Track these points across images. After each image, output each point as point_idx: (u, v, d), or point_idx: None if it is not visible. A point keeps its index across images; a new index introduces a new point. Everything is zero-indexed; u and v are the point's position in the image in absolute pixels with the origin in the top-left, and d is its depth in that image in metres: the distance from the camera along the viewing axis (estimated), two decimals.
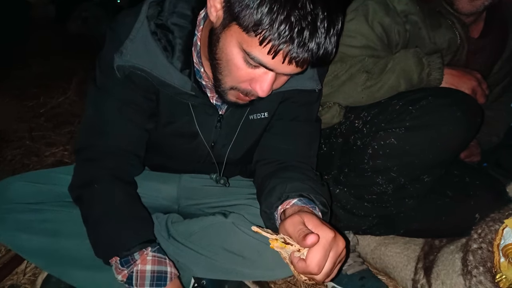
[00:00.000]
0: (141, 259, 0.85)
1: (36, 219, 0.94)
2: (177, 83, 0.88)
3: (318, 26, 0.69)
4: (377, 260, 1.28)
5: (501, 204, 1.09)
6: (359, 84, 1.10)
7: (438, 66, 1.07)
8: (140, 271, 0.85)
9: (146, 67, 0.86)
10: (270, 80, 0.78)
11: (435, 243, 1.21)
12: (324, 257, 0.67)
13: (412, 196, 1.09)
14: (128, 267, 0.85)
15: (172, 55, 0.86)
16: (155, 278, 0.85)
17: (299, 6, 0.67)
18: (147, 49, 0.86)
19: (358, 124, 1.13)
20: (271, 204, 0.87)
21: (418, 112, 0.99)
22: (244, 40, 0.73)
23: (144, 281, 0.84)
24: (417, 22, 1.13)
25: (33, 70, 3.00)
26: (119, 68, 0.87)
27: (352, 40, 1.13)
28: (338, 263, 0.72)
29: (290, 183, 0.88)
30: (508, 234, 0.93)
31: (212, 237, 0.98)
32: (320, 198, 0.86)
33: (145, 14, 0.86)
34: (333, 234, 0.69)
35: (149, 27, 0.86)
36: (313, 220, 0.72)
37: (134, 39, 0.86)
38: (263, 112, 1.00)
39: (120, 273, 0.86)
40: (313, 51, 0.70)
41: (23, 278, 1.09)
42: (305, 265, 0.68)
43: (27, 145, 1.87)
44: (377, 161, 1.04)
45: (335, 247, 0.69)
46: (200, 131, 0.99)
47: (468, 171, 1.23)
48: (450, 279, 1.00)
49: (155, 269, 0.86)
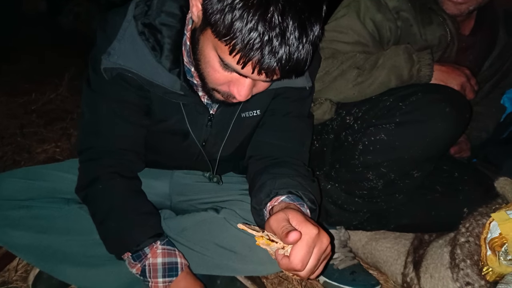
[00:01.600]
0: (152, 252, 0.88)
1: (26, 216, 0.94)
2: (166, 83, 0.87)
3: (288, 37, 0.67)
4: (368, 255, 1.30)
5: (489, 198, 1.11)
6: (350, 80, 1.11)
7: (428, 63, 1.08)
8: (152, 264, 0.88)
9: (133, 69, 0.86)
10: (247, 86, 0.78)
11: (424, 237, 1.22)
12: (308, 253, 0.67)
13: (402, 191, 1.11)
14: (140, 261, 0.89)
15: (160, 55, 0.86)
16: (167, 269, 0.88)
17: (269, 16, 0.65)
18: (134, 50, 0.85)
19: (349, 120, 1.14)
20: (261, 200, 0.87)
21: (408, 108, 1.00)
22: (218, 46, 0.72)
23: (156, 273, 0.88)
24: (409, 19, 1.14)
25: (24, 66, 2.97)
26: (106, 70, 0.87)
27: (343, 36, 1.14)
28: (323, 260, 0.72)
29: (280, 180, 0.88)
30: (494, 227, 0.94)
31: (204, 233, 0.98)
32: (309, 195, 0.86)
33: (132, 13, 0.86)
34: (316, 231, 0.69)
35: (137, 27, 0.85)
36: (297, 217, 0.71)
37: (121, 39, 0.85)
38: (255, 110, 1.00)
39: (134, 267, 0.89)
40: (282, 62, 0.69)
41: (15, 275, 1.09)
42: (289, 261, 0.68)
43: (18, 142, 1.85)
44: (368, 156, 1.05)
45: (319, 243, 0.69)
46: (191, 130, 0.99)
47: (457, 167, 1.25)
48: (438, 272, 1.02)
49: (166, 261, 0.89)
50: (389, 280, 1.24)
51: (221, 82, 0.80)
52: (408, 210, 1.20)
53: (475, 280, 0.94)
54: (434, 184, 1.20)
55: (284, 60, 0.69)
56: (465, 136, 1.44)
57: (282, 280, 1.19)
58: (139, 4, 0.86)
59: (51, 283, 0.99)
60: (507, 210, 0.97)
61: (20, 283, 1.07)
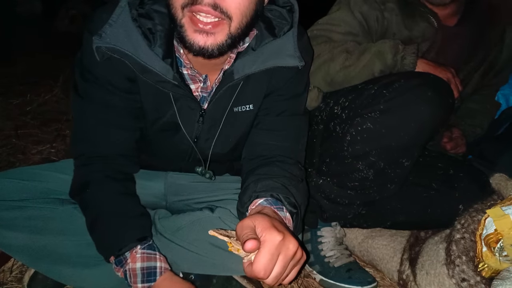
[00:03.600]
0: (131, 257, 0.87)
1: (21, 216, 0.93)
2: (160, 70, 0.86)
3: None
4: (365, 253, 1.30)
5: (484, 195, 1.12)
6: (339, 63, 1.15)
7: (412, 51, 1.11)
8: (132, 270, 0.87)
9: (127, 50, 0.84)
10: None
11: (420, 234, 1.23)
12: (271, 261, 0.65)
13: (393, 181, 1.11)
14: (122, 266, 0.88)
15: (154, 43, 0.85)
16: (145, 274, 0.87)
17: None
18: (128, 34, 0.84)
19: (337, 110, 1.16)
20: (244, 203, 0.87)
21: (391, 94, 1.01)
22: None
23: (136, 278, 0.86)
24: (394, 9, 1.22)
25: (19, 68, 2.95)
26: (98, 49, 0.84)
27: (336, 27, 1.22)
28: (294, 266, 0.70)
29: (262, 182, 0.88)
30: (490, 224, 0.95)
31: (199, 232, 0.98)
32: (289, 199, 0.85)
33: (126, 1, 0.85)
34: (280, 237, 0.66)
35: (131, 13, 0.84)
36: (263, 223, 0.69)
37: (114, 24, 0.84)
38: (248, 104, 1.00)
39: (118, 271, 0.89)
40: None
41: (10, 275, 1.08)
42: (251, 269, 0.66)
43: (13, 143, 1.85)
44: (356, 146, 1.06)
45: (284, 250, 0.67)
46: (182, 124, 0.98)
47: (452, 164, 1.25)
48: (434, 269, 1.02)
49: (144, 265, 0.87)
50: (386, 278, 1.25)
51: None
52: (404, 207, 1.21)
53: (470, 276, 0.94)
54: (430, 181, 1.21)
55: None
56: (460, 132, 1.45)
57: None
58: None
59: (46, 284, 0.99)
60: (502, 206, 0.97)
61: (15, 283, 1.06)
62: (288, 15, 0.94)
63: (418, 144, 1.06)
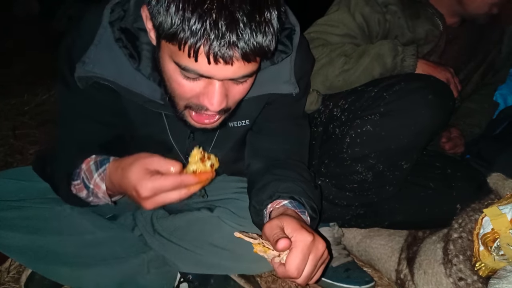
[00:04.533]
0: (85, 162, 0.84)
1: (18, 216, 0.93)
2: (146, 91, 0.84)
3: (237, 16, 0.63)
4: (363, 253, 1.30)
5: (481, 194, 1.12)
6: (338, 67, 1.14)
7: (412, 53, 1.11)
8: (86, 170, 0.83)
9: (110, 77, 0.81)
10: (218, 91, 0.72)
11: (418, 234, 1.23)
12: (303, 260, 0.67)
13: (392, 183, 1.11)
14: (79, 177, 0.84)
15: (139, 62, 0.82)
16: (98, 163, 0.83)
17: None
18: (111, 57, 0.81)
19: (337, 113, 1.16)
20: (262, 200, 0.87)
21: (392, 97, 1.01)
22: (172, 51, 0.69)
23: (91, 173, 0.82)
24: (396, 12, 1.19)
25: (16, 68, 2.95)
26: (80, 79, 0.82)
27: (334, 29, 1.20)
28: (321, 265, 0.72)
29: (284, 183, 0.87)
30: (487, 223, 0.95)
31: (197, 232, 0.98)
32: (311, 203, 0.85)
33: (108, 19, 0.80)
34: (311, 238, 0.68)
35: (113, 34, 0.80)
36: (292, 224, 0.70)
37: (98, 45, 0.81)
38: (244, 120, 0.97)
39: (80, 189, 0.85)
40: (237, 44, 0.64)
41: (7, 276, 1.08)
42: (285, 269, 0.67)
43: (11, 143, 1.85)
44: (355, 149, 1.06)
45: (315, 250, 0.68)
46: (173, 142, 0.97)
47: (450, 163, 1.25)
48: (432, 268, 1.02)
49: (97, 160, 0.83)
50: (384, 277, 1.25)
51: (189, 95, 0.75)
52: (402, 207, 1.21)
53: (468, 275, 0.94)
54: (428, 181, 1.21)
55: (239, 41, 0.64)
56: (459, 132, 1.46)
57: (276, 278, 1.19)
58: (115, 9, 0.81)
59: (44, 284, 0.99)
60: (499, 206, 0.97)
61: (13, 284, 1.06)
62: (287, 39, 0.88)
63: (418, 147, 1.06)
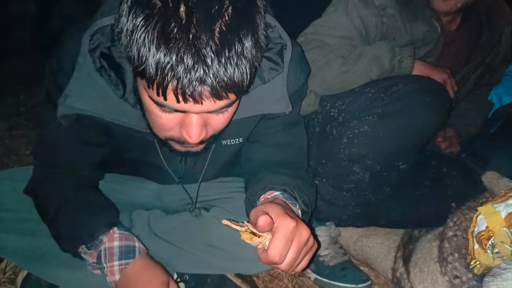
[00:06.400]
0: (108, 237, 0.84)
1: (14, 218, 0.93)
2: (132, 121, 0.81)
3: (203, 52, 0.57)
4: (359, 252, 1.31)
5: (476, 193, 1.13)
6: (335, 69, 1.13)
7: (409, 54, 1.11)
8: (108, 248, 0.83)
9: (93, 112, 0.79)
10: (195, 124, 0.68)
11: (414, 233, 1.23)
12: (286, 245, 0.66)
13: (389, 183, 1.12)
14: (96, 248, 0.84)
15: (123, 91, 0.78)
16: (124, 252, 0.83)
17: (169, 31, 0.56)
18: (94, 89, 0.77)
19: (334, 113, 1.16)
20: (255, 192, 0.87)
21: (389, 98, 1.02)
22: (145, 86, 0.64)
23: (112, 256, 0.83)
24: (394, 15, 1.18)
25: (12, 68, 2.93)
26: (62, 118, 0.79)
27: (332, 30, 1.19)
28: (306, 253, 0.71)
29: (279, 176, 0.88)
30: (481, 221, 0.95)
31: (193, 232, 0.98)
32: (303, 197, 0.85)
33: (87, 47, 0.74)
34: (294, 223, 0.67)
35: (94, 64, 0.75)
36: (276, 210, 0.69)
37: (78, 77, 0.77)
38: (237, 138, 0.96)
39: (90, 255, 0.84)
40: (205, 80, 0.59)
41: (3, 277, 1.08)
42: (267, 255, 0.66)
43: (7, 144, 1.84)
44: (353, 149, 1.07)
45: (298, 235, 0.67)
46: (167, 165, 0.97)
47: (445, 162, 1.26)
48: (427, 266, 1.02)
49: (122, 244, 0.84)
50: (380, 276, 1.25)
51: (168, 127, 0.72)
52: (398, 206, 1.21)
53: (463, 273, 0.95)
54: (423, 180, 1.22)
55: (207, 78, 0.59)
56: (455, 131, 1.46)
57: (273, 278, 1.19)
58: (94, 35, 0.75)
59: (40, 285, 0.98)
60: (494, 204, 0.98)
61: (9, 285, 1.06)
62: (278, 56, 0.83)
63: (415, 148, 1.07)
